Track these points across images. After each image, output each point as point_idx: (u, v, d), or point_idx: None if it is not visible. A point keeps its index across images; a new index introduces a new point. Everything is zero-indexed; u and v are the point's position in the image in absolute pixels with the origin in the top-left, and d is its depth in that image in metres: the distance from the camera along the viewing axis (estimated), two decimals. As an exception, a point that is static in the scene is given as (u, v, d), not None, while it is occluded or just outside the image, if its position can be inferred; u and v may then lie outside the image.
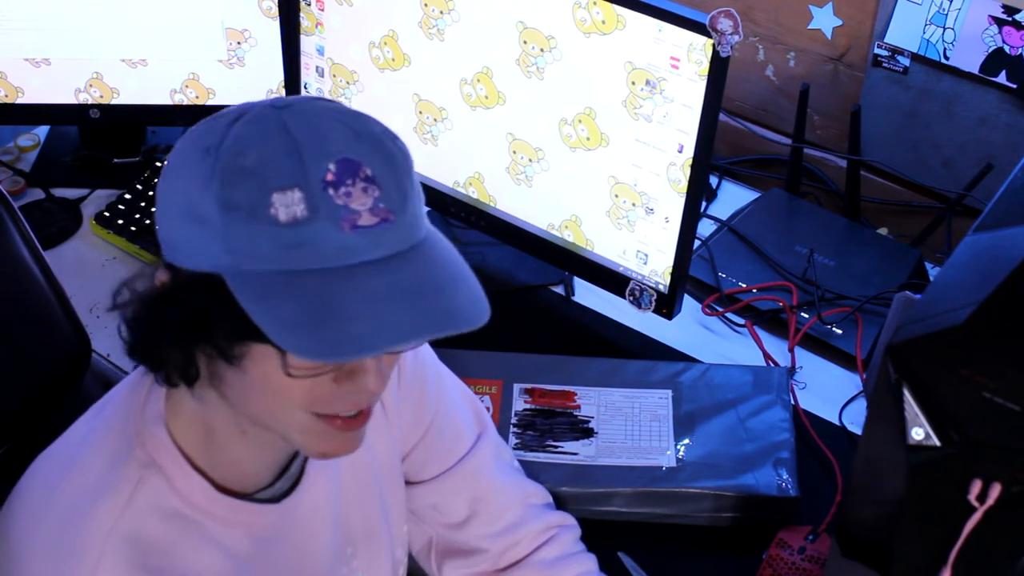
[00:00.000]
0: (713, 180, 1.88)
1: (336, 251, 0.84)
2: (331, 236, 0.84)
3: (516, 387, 1.46)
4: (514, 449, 1.38)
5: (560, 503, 1.32)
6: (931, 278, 1.67)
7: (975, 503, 0.86)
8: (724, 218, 1.77)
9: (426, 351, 1.22)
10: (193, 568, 0.99)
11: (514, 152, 1.53)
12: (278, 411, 0.92)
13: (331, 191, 0.84)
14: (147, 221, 1.73)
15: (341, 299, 0.83)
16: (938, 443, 0.85)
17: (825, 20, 1.79)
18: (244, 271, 0.84)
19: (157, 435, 0.98)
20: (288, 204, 0.83)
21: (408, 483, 1.23)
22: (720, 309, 1.63)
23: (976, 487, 0.85)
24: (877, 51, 1.75)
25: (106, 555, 0.94)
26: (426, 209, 0.92)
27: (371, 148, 0.87)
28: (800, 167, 1.81)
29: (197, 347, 0.91)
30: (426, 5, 1.50)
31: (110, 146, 1.88)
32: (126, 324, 0.93)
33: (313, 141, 0.85)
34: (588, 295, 1.66)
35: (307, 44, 1.65)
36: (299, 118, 0.87)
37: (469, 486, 1.23)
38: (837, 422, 1.49)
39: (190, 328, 0.88)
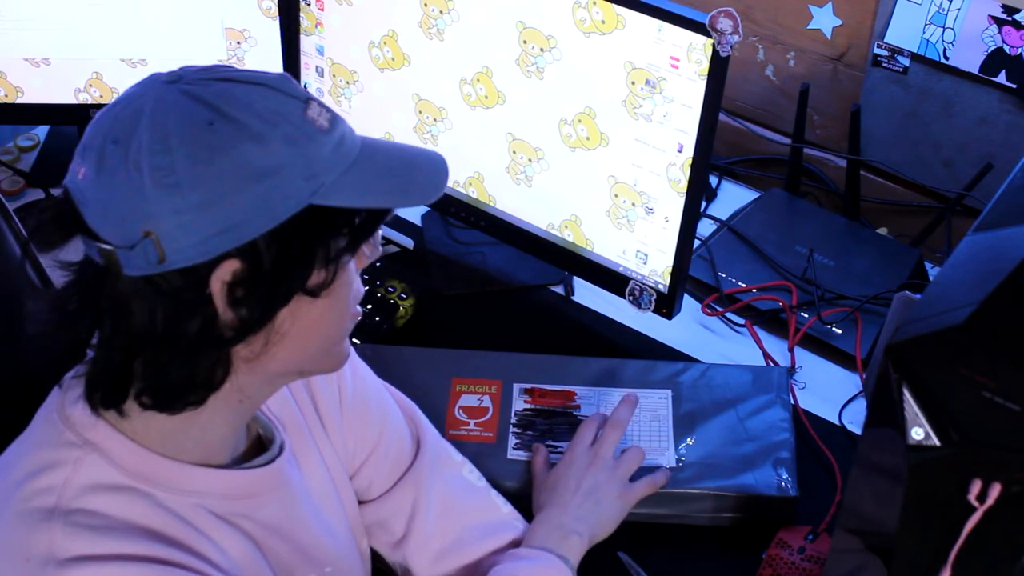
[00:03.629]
0: (713, 180, 1.88)
1: (351, 136, 0.95)
2: (346, 126, 0.95)
3: (516, 387, 1.46)
4: (514, 449, 1.38)
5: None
6: (931, 278, 1.67)
7: (975, 503, 0.85)
8: (724, 218, 1.77)
9: (365, 373, 1.22)
10: (151, 548, 0.93)
11: (514, 152, 1.53)
12: (344, 318, 0.99)
13: (319, 98, 0.96)
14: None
15: (391, 164, 0.97)
16: (938, 443, 0.85)
17: (825, 20, 1.79)
18: (325, 186, 0.91)
19: (85, 417, 0.95)
20: (319, 114, 0.92)
21: (359, 502, 1.22)
22: (720, 309, 1.63)
23: (976, 487, 0.85)
24: (877, 51, 1.75)
25: (57, 528, 0.89)
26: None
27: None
28: (800, 167, 1.81)
29: (269, 317, 0.92)
30: (426, 5, 1.50)
31: (110, 146, 1.88)
32: (193, 367, 0.92)
33: (262, 78, 0.92)
34: (588, 295, 1.66)
35: (307, 44, 1.65)
36: (223, 73, 0.92)
37: (406, 503, 1.22)
38: (837, 422, 1.49)
39: (297, 276, 0.92)
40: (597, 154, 1.45)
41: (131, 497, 0.94)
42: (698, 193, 1.40)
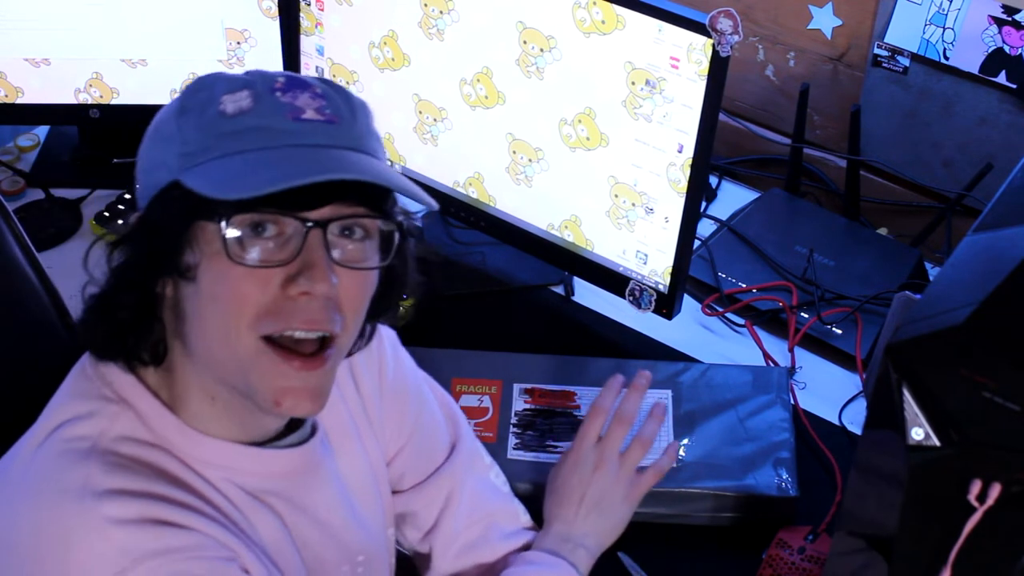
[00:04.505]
0: (713, 180, 1.88)
1: (274, 134, 0.90)
2: (272, 123, 0.90)
3: (516, 387, 1.46)
4: (514, 449, 1.38)
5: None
6: (931, 278, 1.67)
7: (975, 503, 0.86)
8: (724, 218, 1.77)
9: (407, 361, 1.22)
10: (185, 497, 0.94)
11: (514, 152, 1.53)
12: (231, 331, 0.91)
13: (278, 94, 0.91)
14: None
15: (263, 160, 0.89)
16: (938, 443, 0.85)
17: (825, 20, 1.79)
18: (195, 165, 0.90)
19: (121, 375, 0.97)
20: (235, 100, 0.90)
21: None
22: (720, 309, 1.63)
23: (976, 487, 0.85)
24: (877, 51, 1.75)
25: (94, 465, 0.92)
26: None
27: (327, 84, 0.95)
28: (800, 167, 1.81)
29: (163, 281, 0.94)
30: (426, 5, 1.50)
31: (110, 146, 1.88)
32: (103, 314, 0.96)
33: (274, 74, 0.94)
34: (588, 295, 1.66)
35: (307, 44, 1.65)
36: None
37: (439, 497, 1.22)
38: (837, 422, 1.49)
39: (157, 250, 0.92)
40: (597, 154, 1.45)
41: (165, 455, 0.96)
42: (698, 193, 1.40)
